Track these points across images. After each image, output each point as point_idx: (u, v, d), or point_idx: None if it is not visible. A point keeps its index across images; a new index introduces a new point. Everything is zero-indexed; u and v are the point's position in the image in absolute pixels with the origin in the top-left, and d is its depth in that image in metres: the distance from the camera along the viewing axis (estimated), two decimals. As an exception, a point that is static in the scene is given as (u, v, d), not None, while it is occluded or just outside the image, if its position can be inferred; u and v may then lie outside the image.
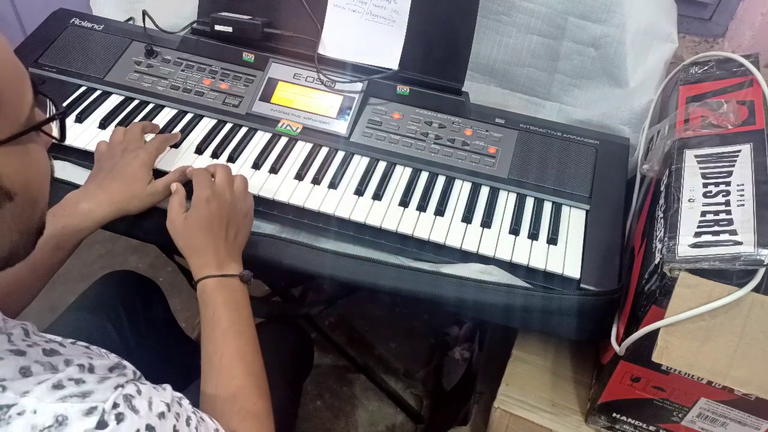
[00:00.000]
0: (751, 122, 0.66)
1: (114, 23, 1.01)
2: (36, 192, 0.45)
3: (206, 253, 0.69)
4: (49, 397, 0.41)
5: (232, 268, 0.69)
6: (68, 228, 0.70)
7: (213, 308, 0.66)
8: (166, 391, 0.51)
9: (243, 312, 0.68)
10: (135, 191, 0.76)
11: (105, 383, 0.44)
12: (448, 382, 1.37)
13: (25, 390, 0.41)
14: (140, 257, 1.69)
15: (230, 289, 0.68)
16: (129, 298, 0.90)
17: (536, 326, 0.75)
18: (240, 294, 0.69)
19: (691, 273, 0.56)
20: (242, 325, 0.66)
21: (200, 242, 0.69)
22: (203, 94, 0.92)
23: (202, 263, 0.69)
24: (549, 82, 0.98)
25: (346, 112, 0.89)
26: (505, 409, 0.76)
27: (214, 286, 0.67)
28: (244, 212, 0.74)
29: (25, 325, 0.48)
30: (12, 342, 0.44)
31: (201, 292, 0.68)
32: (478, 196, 0.83)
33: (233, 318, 0.66)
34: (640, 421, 0.70)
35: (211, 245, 0.69)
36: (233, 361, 0.64)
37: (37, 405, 0.40)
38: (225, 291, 0.68)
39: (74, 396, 0.42)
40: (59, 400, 0.41)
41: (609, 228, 0.79)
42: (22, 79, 0.43)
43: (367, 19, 0.91)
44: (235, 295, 0.68)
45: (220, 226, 0.70)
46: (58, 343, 0.48)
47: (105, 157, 0.79)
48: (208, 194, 0.70)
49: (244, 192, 0.75)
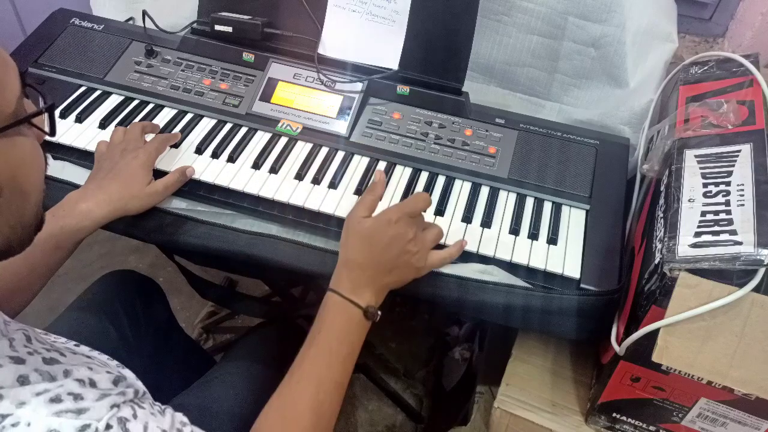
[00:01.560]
0: (751, 122, 0.66)
1: (114, 23, 1.01)
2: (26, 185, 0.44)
3: (351, 268, 0.67)
4: (45, 410, 0.41)
5: (364, 299, 0.66)
6: (67, 228, 0.70)
7: (320, 325, 0.65)
8: (166, 417, 0.50)
9: (345, 347, 0.65)
10: (134, 191, 0.76)
11: (102, 401, 0.44)
12: (448, 382, 1.37)
13: (22, 400, 0.41)
14: (140, 257, 1.69)
15: (348, 318, 0.66)
16: (129, 298, 0.90)
17: (536, 326, 0.75)
18: (354, 327, 0.66)
19: (691, 273, 0.56)
20: (336, 359, 0.64)
21: (355, 253, 0.67)
22: (203, 94, 0.92)
23: (342, 275, 0.67)
24: (549, 82, 0.98)
25: (346, 112, 0.89)
26: (505, 409, 0.76)
27: (335, 305, 0.66)
28: (416, 259, 0.69)
29: (26, 330, 0.47)
30: (13, 347, 0.44)
31: (324, 304, 0.67)
32: (478, 196, 0.83)
33: (332, 347, 0.64)
34: (640, 421, 0.70)
35: (361, 263, 0.66)
36: (307, 387, 0.62)
37: (31, 417, 0.40)
38: (342, 317, 0.65)
39: (70, 411, 0.42)
40: (54, 414, 0.41)
41: (609, 228, 0.79)
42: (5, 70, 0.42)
43: (367, 19, 0.91)
44: (348, 326, 0.66)
45: (382, 253, 0.66)
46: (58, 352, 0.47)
47: (105, 157, 0.79)
48: (398, 217, 0.67)
49: (431, 242, 0.71)
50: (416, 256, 0.68)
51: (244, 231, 0.78)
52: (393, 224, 0.67)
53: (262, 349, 0.86)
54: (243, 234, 0.78)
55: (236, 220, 0.81)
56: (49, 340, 0.49)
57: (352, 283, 0.66)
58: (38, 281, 0.70)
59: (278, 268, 0.77)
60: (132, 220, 0.78)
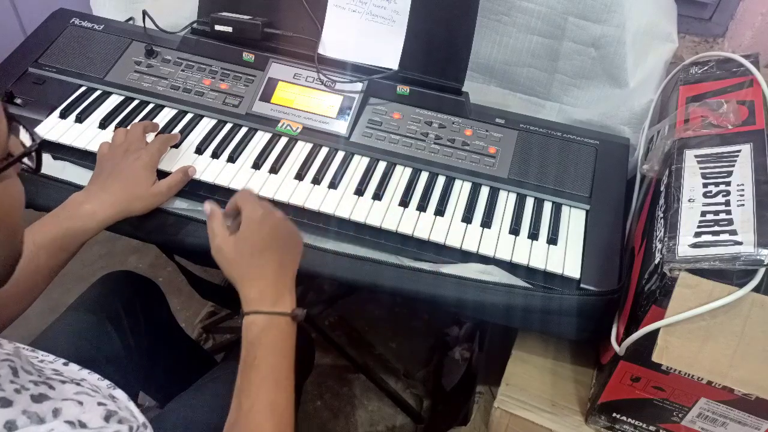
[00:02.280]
0: (751, 122, 0.66)
1: (114, 23, 1.01)
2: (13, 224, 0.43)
3: (260, 282, 0.63)
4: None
5: (286, 304, 0.64)
6: (72, 230, 0.70)
7: (256, 351, 0.61)
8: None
9: (285, 360, 0.62)
10: (138, 192, 0.76)
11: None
12: (448, 382, 1.37)
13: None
14: (140, 257, 1.69)
15: (278, 330, 0.63)
16: (128, 299, 0.90)
17: (536, 326, 0.75)
18: (287, 337, 0.63)
19: (691, 273, 0.56)
20: (282, 375, 0.61)
21: (255, 271, 0.64)
22: (203, 94, 0.92)
23: (255, 295, 0.63)
24: (549, 82, 0.98)
25: (346, 112, 0.89)
26: (505, 409, 0.76)
27: (263, 325, 0.62)
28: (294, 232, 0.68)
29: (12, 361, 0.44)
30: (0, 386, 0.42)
31: (247, 328, 0.62)
32: (478, 196, 0.83)
33: (274, 364, 0.61)
34: (640, 421, 0.70)
35: (267, 273, 0.64)
36: (265, 415, 0.59)
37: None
38: (272, 332, 0.62)
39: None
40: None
41: (609, 228, 0.79)
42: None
43: (367, 19, 0.91)
44: (282, 338, 0.63)
45: (276, 249, 0.65)
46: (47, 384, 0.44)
47: (107, 158, 0.79)
48: (261, 213, 0.65)
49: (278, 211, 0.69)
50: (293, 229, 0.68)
51: (244, 231, 0.78)
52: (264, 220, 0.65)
53: None
54: (243, 234, 0.78)
55: (236, 220, 0.81)
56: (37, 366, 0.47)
57: (268, 296, 0.63)
58: (41, 283, 0.70)
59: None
60: (133, 221, 0.78)
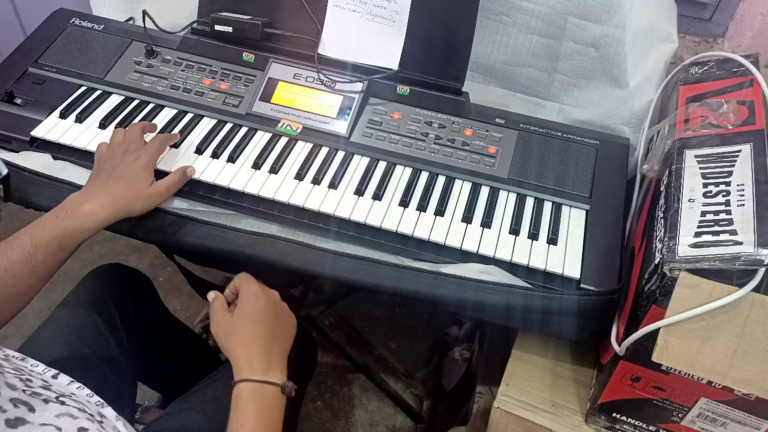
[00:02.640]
0: (751, 122, 0.66)
1: (114, 23, 1.01)
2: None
3: (251, 352, 0.66)
4: None
5: (276, 375, 0.66)
6: (71, 229, 0.71)
7: (243, 418, 0.62)
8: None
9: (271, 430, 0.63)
10: (137, 192, 0.76)
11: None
12: (448, 382, 1.37)
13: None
14: (140, 257, 1.70)
15: (266, 401, 0.64)
16: (118, 292, 0.91)
17: (536, 326, 0.75)
18: (275, 408, 0.65)
19: (691, 273, 0.56)
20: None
21: (247, 340, 0.67)
22: (203, 94, 0.92)
23: (245, 364, 0.66)
24: (549, 82, 0.98)
25: (346, 112, 0.89)
26: (505, 409, 0.76)
27: (251, 393, 0.64)
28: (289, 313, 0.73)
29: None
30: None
31: (236, 395, 0.64)
32: (478, 196, 0.83)
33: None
34: (640, 421, 0.70)
35: (259, 344, 0.67)
36: None
37: None
38: (260, 402, 0.64)
39: None
40: None
41: (609, 228, 0.79)
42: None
43: (367, 19, 0.91)
44: (268, 409, 0.64)
45: (269, 322, 0.69)
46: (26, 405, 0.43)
47: (105, 158, 0.79)
48: (256, 289, 0.71)
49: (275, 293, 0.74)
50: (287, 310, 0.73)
51: (244, 231, 0.78)
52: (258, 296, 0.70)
53: None
54: (243, 234, 0.78)
55: (236, 220, 0.81)
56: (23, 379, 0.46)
57: (261, 365, 0.66)
58: (39, 283, 0.70)
59: (278, 268, 0.77)
60: (133, 221, 0.78)
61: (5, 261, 0.66)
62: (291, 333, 0.73)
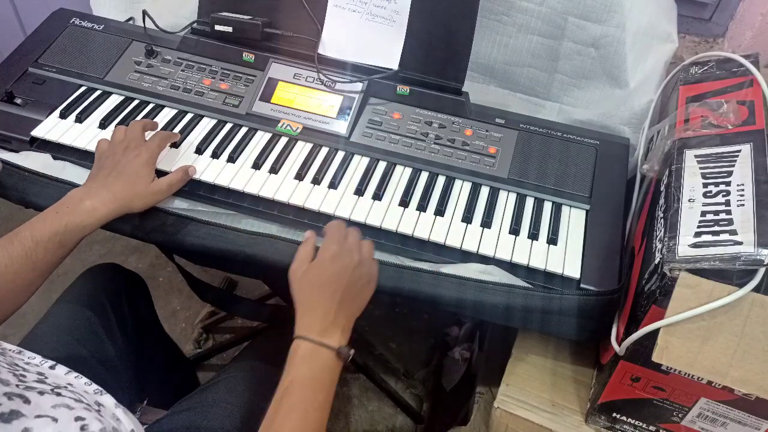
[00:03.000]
0: (751, 122, 0.66)
1: (114, 23, 1.01)
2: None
3: (314, 312, 0.66)
4: None
5: (335, 339, 0.65)
6: (71, 225, 0.71)
7: (293, 376, 0.62)
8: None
9: (320, 394, 0.62)
10: (138, 189, 0.76)
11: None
12: (448, 382, 1.37)
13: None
14: (140, 257, 1.70)
15: (320, 363, 0.63)
16: (114, 291, 0.91)
17: (536, 326, 0.75)
18: (327, 371, 0.64)
19: (691, 273, 0.56)
20: (312, 407, 0.61)
21: (311, 300, 0.66)
22: (203, 94, 0.92)
23: (306, 322, 0.65)
24: (549, 82, 0.98)
25: (346, 112, 0.89)
26: (505, 409, 0.76)
27: (306, 353, 0.63)
28: (366, 280, 0.70)
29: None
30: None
31: (293, 350, 0.64)
32: (478, 196, 0.83)
33: (307, 396, 0.61)
34: (640, 421, 0.70)
35: (321, 306, 0.66)
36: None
37: None
38: (314, 363, 0.63)
39: None
40: None
41: (609, 228, 0.79)
42: None
43: (367, 19, 0.91)
44: (321, 371, 0.63)
45: (338, 289, 0.66)
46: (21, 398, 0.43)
47: (106, 155, 0.79)
48: (335, 251, 0.68)
49: (370, 258, 0.71)
50: (366, 276, 0.70)
51: (245, 231, 0.78)
52: (336, 258, 0.68)
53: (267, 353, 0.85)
54: (243, 234, 0.78)
55: (236, 220, 0.81)
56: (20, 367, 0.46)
57: (321, 326, 0.65)
58: (39, 279, 0.70)
59: (278, 268, 0.77)
60: (133, 220, 0.78)
61: (6, 257, 0.66)
62: (364, 299, 0.70)
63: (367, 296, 0.70)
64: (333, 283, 0.67)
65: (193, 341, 1.50)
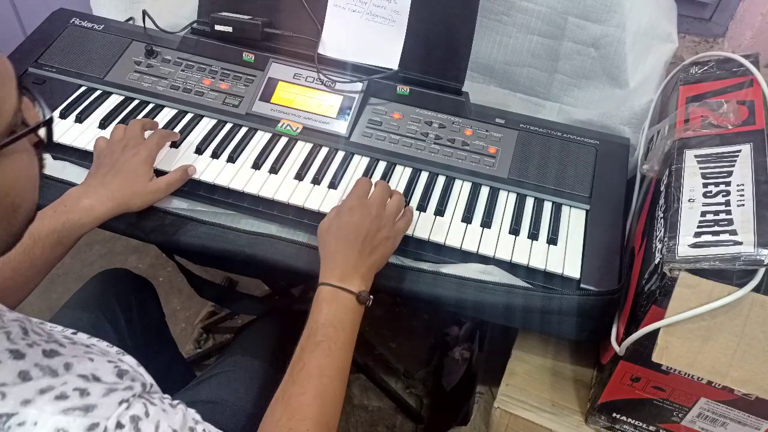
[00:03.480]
0: (751, 122, 0.66)
1: (114, 23, 1.01)
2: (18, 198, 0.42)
3: (335, 260, 0.69)
4: (51, 408, 0.40)
5: (354, 284, 0.68)
6: (69, 224, 0.71)
7: (316, 317, 0.66)
8: (177, 413, 0.49)
9: (342, 333, 0.66)
10: (136, 188, 0.76)
11: (110, 397, 0.43)
12: (448, 382, 1.37)
13: (26, 398, 0.40)
14: (140, 257, 1.69)
15: (340, 304, 0.67)
16: (125, 297, 0.90)
17: (536, 326, 0.75)
18: (349, 313, 0.67)
19: (691, 273, 0.56)
20: (335, 345, 0.65)
21: (332, 248, 0.69)
22: (203, 94, 0.92)
23: (328, 269, 0.69)
24: (549, 82, 0.98)
25: (346, 112, 0.89)
26: (505, 409, 0.76)
27: (327, 296, 0.67)
28: (386, 234, 0.71)
29: (23, 321, 0.46)
30: (11, 340, 0.43)
31: (316, 296, 0.68)
32: (478, 196, 0.83)
33: (329, 335, 0.65)
34: (640, 421, 0.70)
35: (341, 254, 0.68)
36: (309, 376, 0.62)
37: (38, 416, 0.39)
38: (334, 305, 0.66)
39: (77, 409, 0.41)
40: (61, 412, 0.40)
41: (609, 228, 0.79)
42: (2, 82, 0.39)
43: (367, 19, 0.91)
44: (343, 313, 0.66)
45: (356, 238, 0.69)
46: (57, 342, 0.46)
47: (105, 153, 0.79)
48: (353, 204, 0.71)
49: (394, 213, 0.73)
50: (384, 229, 0.71)
51: (244, 231, 0.78)
52: (353, 210, 0.70)
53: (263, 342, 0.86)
54: (243, 234, 0.78)
55: (236, 220, 0.81)
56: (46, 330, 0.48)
57: (341, 273, 0.68)
58: (37, 276, 0.70)
59: (278, 268, 0.77)
60: (132, 220, 0.78)
61: None
62: (383, 254, 0.71)
63: (387, 251, 0.72)
64: (350, 233, 0.69)
65: (193, 341, 1.50)
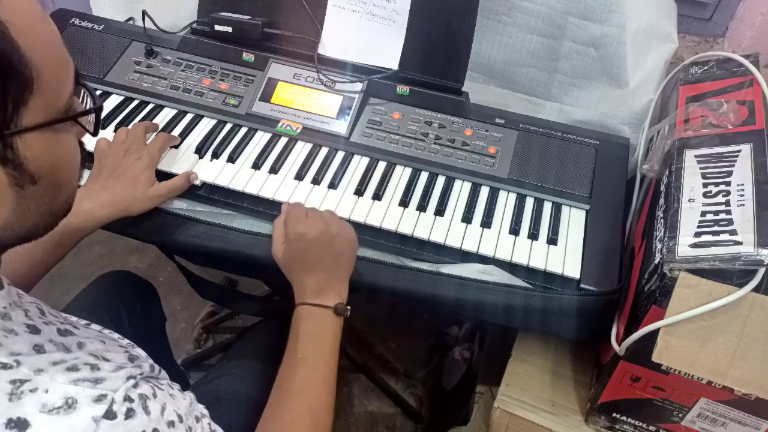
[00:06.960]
0: (751, 122, 0.66)
1: (114, 23, 1.01)
2: (62, 178, 0.44)
3: (304, 283, 0.70)
4: (62, 378, 0.41)
5: (329, 299, 0.69)
6: (70, 226, 0.71)
7: (296, 335, 0.67)
8: (185, 399, 0.51)
9: (325, 346, 0.67)
10: (137, 194, 0.76)
11: (119, 372, 0.45)
12: (448, 382, 1.37)
13: (39, 367, 0.41)
14: (140, 257, 1.69)
15: (319, 320, 0.68)
16: (128, 299, 0.91)
17: (536, 326, 0.75)
18: (328, 326, 0.69)
19: (691, 273, 0.56)
20: (318, 359, 0.66)
21: (298, 273, 0.71)
22: (203, 94, 0.92)
23: (300, 292, 0.70)
24: (549, 82, 0.98)
25: (346, 112, 0.89)
26: (505, 409, 0.76)
27: (306, 314, 0.68)
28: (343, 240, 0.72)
29: (39, 304, 0.48)
30: (29, 317, 0.45)
31: (294, 318, 0.69)
32: (478, 196, 0.83)
33: (311, 350, 0.66)
34: (640, 421, 0.70)
35: (309, 275, 0.70)
36: (296, 393, 0.63)
37: (49, 384, 0.41)
38: (313, 321, 0.68)
39: (87, 380, 0.42)
40: (71, 382, 0.41)
41: (609, 228, 0.79)
42: (66, 66, 0.42)
43: (367, 19, 0.91)
44: (320, 326, 0.68)
45: (317, 257, 0.70)
46: (71, 324, 0.48)
47: (107, 155, 0.79)
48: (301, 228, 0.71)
49: (337, 220, 0.74)
50: (339, 237, 0.72)
51: (244, 231, 0.78)
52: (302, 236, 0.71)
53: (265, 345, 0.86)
54: (243, 234, 0.78)
55: (236, 220, 0.81)
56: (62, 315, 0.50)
57: (313, 291, 0.69)
58: (35, 278, 0.71)
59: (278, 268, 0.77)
60: (132, 220, 0.78)
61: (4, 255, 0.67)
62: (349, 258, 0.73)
63: (351, 254, 0.73)
64: (310, 254, 0.70)
65: (193, 341, 1.50)
